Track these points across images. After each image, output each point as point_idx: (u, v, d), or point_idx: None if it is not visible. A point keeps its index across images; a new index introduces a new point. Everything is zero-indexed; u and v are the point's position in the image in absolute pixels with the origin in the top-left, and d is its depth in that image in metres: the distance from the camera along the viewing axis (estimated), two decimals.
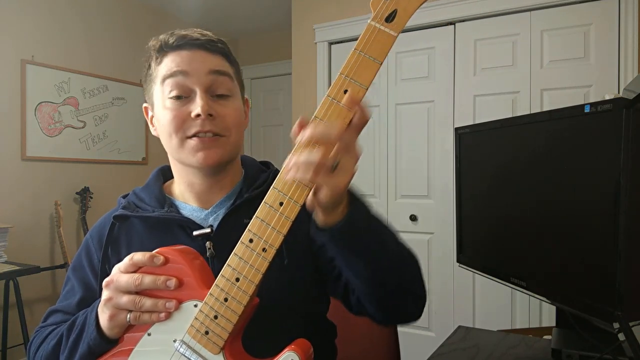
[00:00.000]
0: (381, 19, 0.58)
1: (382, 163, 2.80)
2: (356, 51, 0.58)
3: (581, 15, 2.28)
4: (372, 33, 0.58)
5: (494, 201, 1.14)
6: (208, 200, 0.83)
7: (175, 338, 0.64)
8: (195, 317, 0.63)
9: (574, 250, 0.88)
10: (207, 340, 0.62)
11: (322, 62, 3.00)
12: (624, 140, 0.74)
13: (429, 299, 2.62)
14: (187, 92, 0.76)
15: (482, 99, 2.52)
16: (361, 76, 0.58)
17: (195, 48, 0.77)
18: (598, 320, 0.79)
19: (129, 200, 0.85)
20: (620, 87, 2.19)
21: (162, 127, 0.78)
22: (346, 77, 0.59)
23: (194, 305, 0.64)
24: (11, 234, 2.55)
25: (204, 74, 0.76)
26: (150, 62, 0.81)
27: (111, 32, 3.30)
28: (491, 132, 1.15)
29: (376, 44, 0.58)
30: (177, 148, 0.77)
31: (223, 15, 3.78)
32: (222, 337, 0.62)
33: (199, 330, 0.63)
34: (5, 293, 2.55)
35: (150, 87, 0.81)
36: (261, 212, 0.60)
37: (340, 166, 0.56)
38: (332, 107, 0.58)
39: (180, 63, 0.76)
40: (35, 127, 2.82)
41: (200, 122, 0.74)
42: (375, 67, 0.58)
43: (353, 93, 0.58)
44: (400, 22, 0.58)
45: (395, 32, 0.58)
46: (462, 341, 1.18)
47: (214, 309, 0.62)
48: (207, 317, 0.62)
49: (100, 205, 3.17)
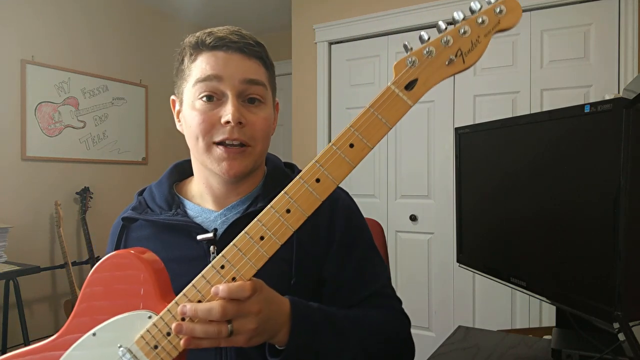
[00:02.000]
0: (401, 85, 0.57)
1: (382, 163, 2.80)
2: (370, 109, 0.57)
3: (581, 15, 2.28)
4: (389, 97, 0.57)
5: (494, 201, 1.14)
6: (223, 202, 0.82)
7: (120, 344, 0.62)
8: (147, 330, 0.61)
9: (574, 250, 0.88)
10: (155, 355, 0.61)
11: (322, 62, 3.00)
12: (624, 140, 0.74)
13: (429, 298, 2.63)
14: (218, 95, 0.75)
15: (482, 99, 2.52)
16: (369, 135, 0.58)
17: (232, 51, 0.76)
18: (598, 320, 0.79)
19: (140, 200, 0.85)
20: (620, 87, 2.19)
21: (189, 128, 0.77)
22: (355, 132, 0.57)
23: (148, 316, 0.62)
24: (11, 234, 2.55)
25: (237, 81, 0.75)
26: (184, 57, 0.79)
27: (111, 32, 3.30)
28: (491, 132, 1.15)
29: (391, 109, 0.57)
30: (203, 152, 0.76)
31: (223, 15, 3.78)
32: (171, 355, 0.61)
33: (148, 343, 0.61)
34: (5, 293, 2.55)
35: (181, 83, 0.80)
36: (240, 241, 0.59)
37: (235, 331, 0.58)
38: (333, 157, 0.58)
39: (215, 66, 0.75)
40: (35, 127, 2.82)
41: (229, 130, 0.73)
42: (384, 130, 0.57)
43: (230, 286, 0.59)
44: (418, 93, 0.57)
45: (412, 102, 0.57)
46: (462, 341, 1.18)
47: (168, 325, 0.60)
48: (160, 333, 0.61)
49: (100, 205, 3.18)
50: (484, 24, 0.55)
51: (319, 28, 3.00)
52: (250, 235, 0.59)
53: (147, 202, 0.85)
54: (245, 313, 0.59)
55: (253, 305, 0.59)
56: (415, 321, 2.48)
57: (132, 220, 0.83)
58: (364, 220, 0.90)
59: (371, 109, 0.57)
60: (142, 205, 0.84)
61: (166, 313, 0.60)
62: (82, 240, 3.11)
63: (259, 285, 0.61)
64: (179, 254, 0.78)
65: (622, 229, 0.75)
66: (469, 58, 0.56)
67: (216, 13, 3.76)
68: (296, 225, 0.58)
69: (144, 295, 0.63)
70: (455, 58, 0.56)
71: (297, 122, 3.12)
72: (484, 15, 0.55)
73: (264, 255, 0.58)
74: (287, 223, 0.58)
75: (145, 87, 3.53)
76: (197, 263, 0.76)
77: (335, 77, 2.99)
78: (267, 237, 0.58)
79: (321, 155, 0.58)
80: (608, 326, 0.76)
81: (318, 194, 0.58)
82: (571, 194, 0.88)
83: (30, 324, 2.69)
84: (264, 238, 0.58)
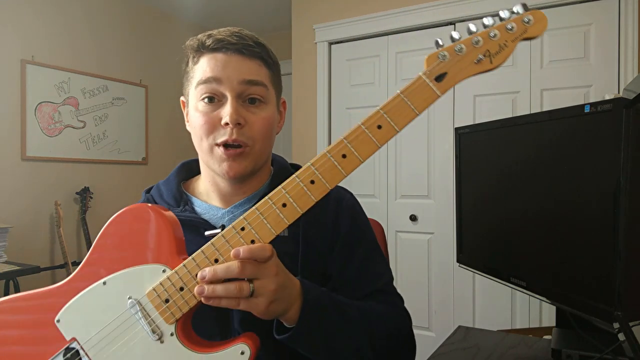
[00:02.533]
0: (432, 76, 0.61)
1: (382, 163, 2.80)
2: (400, 95, 0.61)
3: (581, 15, 2.28)
4: (420, 85, 0.61)
5: (494, 201, 1.14)
6: (230, 200, 0.83)
7: (130, 295, 0.63)
8: (160, 283, 0.62)
9: (574, 250, 0.88)
10: (165, 309, 0.62)
11: (322, 62, 3.00)
12: (624, 140, 0.74)
13: (429, 298, 2.63)
14: (219, 96, 0.76)
15: (482, 99, 2.52)
16: (397, 118, 0.61)
17: (230, 52, 0.77)
18: (598, 320, 0.79)
19: (148, 198, 0.87)
20: (620, 87, 2.19)
21: (193, 129, 0.79)
22: (384, 114, 0.61)
23: (162, 270, 0.63)
24: (11, 234, 2.55)
25: (236, 82, 0.75)
26: (188, 60, 0.81)
27: (111, 32, 3.30)
28: (491, 132, 1.15)
29: (420, 96, 0.61)
30: (206, 152, 0.78)
31: (223, 15, 3.78)
32: (182, 310, 0.62)
33: (159, 296, 0.62)
34: (5, 293, 2.55)
35: (187, 85, 0.82)
36: (262, 206, 0.61)
37: (256, 290, 0.60)
38: (361, 136, 0.60)
39: (214, 68, 0.76)
40: (35, 127, 2.82)
41: (229, 131, 0.74)
42: (411, 116, 0.61)
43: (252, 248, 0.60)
44: (446, 86, 0.61)
45: (440, 92, 0.61)
46: (462, 341, 1.18)
47: (183, 280, 0.61)
48: (173, 287, 0.62)
49: (100, 205, 3.18)
50: (512, 31, 0.60)
51: (319, 28, 3.00)
52: (273, 202, 0.61)
53: (155, 199, 0.86)
54: (264, 274, 0.60)
55: (271, 266, 0.61)
56: (416, 321, 2.48)
57: None
58: (368, 220, 0.92)
59: (401, 95, 0.61)
60: (151, 201, 0.86)
61: (181, 268, 0.62)
62: (82, 240, 3.11)
63: (267, 247, 0.61)
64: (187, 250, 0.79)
65: (622, 229, 0.75)
66: (497, 59, 0.61)
67: (216, 13, 3.76)
68: (319, 196, 0.61)
69: (159, 249, 0.64)
70: (484, 58, 0.61)
71: (297, 122, 3.12)
72: (513, 23, 0.60)
73: (283, 221, 0.61)
74: (309, 193, 0.60)
75: (145, 87, 3.53)
76: None
77: (335, 77, 2.99)
78: (289, 205, 0.60)
79: (350, 133, 0.61)
80: (608, 326, 0.76)
81: (342, 168, 0.60)
82: (571, 193, 0.88)
83: None
84: (286, 205, 0.61)
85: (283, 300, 0.62)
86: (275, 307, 0.62)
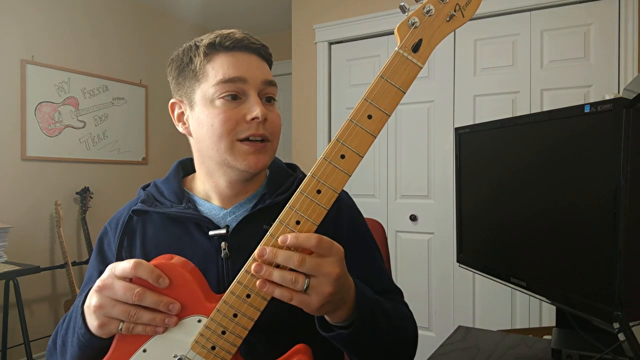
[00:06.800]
0: (408, 48, 0.58)
1: (382, 163, 2.80)
2: (382, 78, 0.59)
3: (581, 15, 2.28)
4: (399, 61, 0.59)
5: (494, 201, 1.14)
6: (230, 201, 0.83)
7: (175, 354, 0.62)
8: (200, 333, 0.61)
9: (574, 250, 0.88)
10: (214, 356, 0.61)
11: (322, 62, 3.00)
12: (624, 140, 0.74)
13: (429, 298, 2.63)
14: (240, 94, 0.76)
15: (482, 99, 2.52)
16: (384, 103, 0.59)
17: (251, 52, 0.78)
18: (598, 320, 0.79)
19: (148, 193, 0.85)
20: (620, 87, 2.19)
21: (208, 128, 0.76)
22: (371, 103, 0.59)
23: (198, 320, 0.62)
24: (11, 234, 2.55)
25: (260, 82, 0.77)
26: (192, 56, 0.78)
27: (112, 32, 3.30)
28: (491, 132, 1.15)
29: (402, 73, 0.59)
30: (225, 150, 0.75)
31: (223, 15, 3.78)
32: (230, 352, 0.61)
33: (204, 347, 0.61)
34: (5, 293, 2.55)
35: (190, 83, 0.79)
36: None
37: (311, 288, 0.58)
38: (355, 131, 0.59)
39: (239, 67, 0.75)
40: (35, 127, 2.82)
41: (255, 125, 0.74)
42: (399, 96, 0.59)
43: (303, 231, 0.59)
44: (425, 53, 0.58)
45: (421, 63, 0.59)
46: (462, 341, 1.18)
47: (222, 325, 0.61)
48: (215, 333, 0.61)
49: (100, 205, 3.18)
50: None
51: (319, 28, 3.00)
52: (286, 223, 0.59)
53: (154, 196, 0.84)
54: (324, 273, 0.58)
55: (334, 266, 0.58)
56: (416, 321, 2.49)
57: (143, 213, 0.83)
58: (364, 219, 0.93)
59: (383, 77, 0.59)
60: (151, 198, 0.84)
61: (216, 314, 0.61)
62: (82, 240, 3.11)
63: (338, 249, 0.60)
64: (189, 248, 0.78)
65: (622, 229, 0.75)
66: (468, 11, 0.58)
67: (216, 13, 3.76)
68: (329, 204, 0.60)
69: (188, 302, 0.62)
70: (455, 13, 0.58)
71: (297, 122, 3.12)
72: None
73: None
74: (319, 203, 0.59)
75: (145, 87, 3.53)
76: (208, 258, 0.77)
77: (335, 77, 2.99)
78: (303, 221, 0.59)
79: (342, 131, 0.59)
80: (608, 326, 0.76)
81: (345, 169, 0.60)
82: (571, 193, 0.88)
83: (30, 324, 2.69)
84: (299, 222, 0.59)
85: (335, 303, 0.61)
86: (327, 309, 0.61)
